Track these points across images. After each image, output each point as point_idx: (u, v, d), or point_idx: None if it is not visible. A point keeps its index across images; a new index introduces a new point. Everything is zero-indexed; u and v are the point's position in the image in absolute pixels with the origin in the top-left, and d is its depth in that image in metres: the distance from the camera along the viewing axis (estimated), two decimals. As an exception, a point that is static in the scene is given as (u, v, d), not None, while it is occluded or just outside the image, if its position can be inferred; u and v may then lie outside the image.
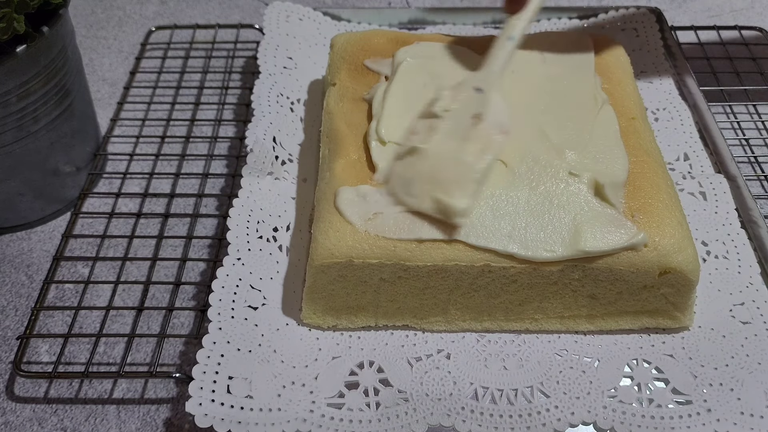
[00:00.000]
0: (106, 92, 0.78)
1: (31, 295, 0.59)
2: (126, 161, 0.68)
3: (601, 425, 0.47)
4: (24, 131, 0.57)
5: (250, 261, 0.54)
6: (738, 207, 0.59)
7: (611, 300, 0.52)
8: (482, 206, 0.50)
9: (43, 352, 0.55)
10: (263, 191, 0.59)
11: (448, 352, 0.51)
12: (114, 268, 0.60)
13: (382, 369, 0.50)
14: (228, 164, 0.69)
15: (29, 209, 0.63)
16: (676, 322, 0.52)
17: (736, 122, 0.72)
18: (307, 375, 0.49)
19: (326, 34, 0.76)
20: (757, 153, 0.69)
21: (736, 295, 0.54)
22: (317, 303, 0.52)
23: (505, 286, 0.51)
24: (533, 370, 0.50)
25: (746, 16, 0.87)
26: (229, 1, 0.90)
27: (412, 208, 0.50)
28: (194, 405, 0.46)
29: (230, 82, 0.77)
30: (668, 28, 0.77)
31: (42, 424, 0.51)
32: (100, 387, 0.53)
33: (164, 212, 0.64)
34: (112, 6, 0.90)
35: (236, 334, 0.50)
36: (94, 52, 0.83)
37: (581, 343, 0.52)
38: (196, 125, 0.72)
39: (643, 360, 0.51)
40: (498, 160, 0.52)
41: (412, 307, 0.53)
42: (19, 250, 0.62)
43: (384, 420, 0.47)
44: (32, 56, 0.55)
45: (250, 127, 0.63)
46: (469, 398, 0.48)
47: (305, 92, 0.70)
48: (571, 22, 0.78)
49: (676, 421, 0.47)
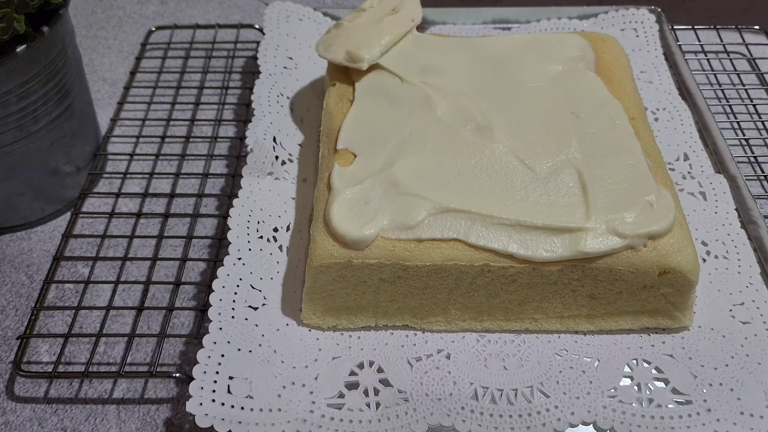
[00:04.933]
0: (106, 92, 0.78)
1: (31, 295, 0.59)
2: (126, 161, 0.68)
3: (601, 425, 0.47)
4: (24, 131, 0.57)
5: (251, 261, 0.54)
6: (738, 207, 0.59)
7: (611, 300, 0.52)
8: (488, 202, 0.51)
9: (43, 352, 0.55)
10: (263, 191, 0.59)
11: (448, 352, 0.51)
12: (114, 268, 0.60)
13: (382, 369, 0.50)
14: (228, 164, 0.69)
15: (29, 209, 0.63)
16: (675, 322, 0.52)
17: (736, 122, 0.71)
18: (307, 375, 0.49)
19: (326, 34, 0.76)
20: (757, 153, 0.69)
21: (735, 295, 0.54)
22: (317, 303, 0.52)
23: (504, 286, 0.51)
24: (533, 370, 0.50)
25: (746, 16, 0.87)
26: (229, 1, 0.90)
27: (329, 60, 0.62)
28: (195, 405, 0.46)
29: (230, 82, 0.77)
30: (668, 28, 0.77)
31: (42, 424, 0.51)
32: (100, 387, 0.53)
33: (164, 212, 0.64)
34: (112, 6, 0.90)
35: (236, 334, 0.50)
36: (94, 52, 0.83)
37: (581, 343, 0.52)
38: (196, 125, 0.72)
39: (643, 360, 0.51)
40: (521, 162, 0.53)
41: (411, 307, 0.53)
42: (19, 250, 0.62)
43: (384, 420, 0.47)
44: (32, 56, 0.55)
45: (250, 127, 0.63)
46: (469, 398, 0.48)
47: (305, 92, 0.70)
48: (570, 22, 0.78)
49: (676, 421, 0.47)
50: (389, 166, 0.53)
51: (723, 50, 0.79)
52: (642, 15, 0.77)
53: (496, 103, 0.58)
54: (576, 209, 0.50)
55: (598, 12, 0.78)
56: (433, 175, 0.53)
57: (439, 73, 0.61)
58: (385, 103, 0.58)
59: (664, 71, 0.71)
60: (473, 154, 0.54)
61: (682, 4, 0.89)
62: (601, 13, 0.78)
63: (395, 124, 0.56)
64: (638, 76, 0.70)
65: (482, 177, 0.53)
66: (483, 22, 0.79)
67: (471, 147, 0.54)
